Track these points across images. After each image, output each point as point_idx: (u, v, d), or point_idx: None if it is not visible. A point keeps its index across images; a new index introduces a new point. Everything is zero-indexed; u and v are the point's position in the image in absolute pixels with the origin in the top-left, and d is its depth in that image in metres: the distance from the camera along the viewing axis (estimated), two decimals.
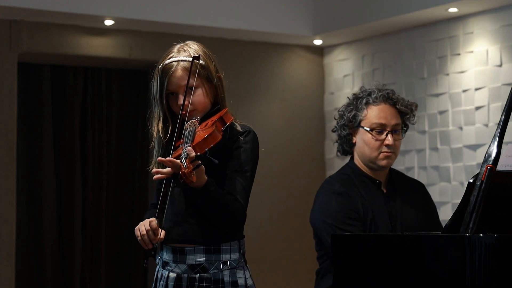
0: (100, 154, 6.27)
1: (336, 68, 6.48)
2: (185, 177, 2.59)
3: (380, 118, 3.51)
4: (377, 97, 3.52)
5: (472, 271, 2.45)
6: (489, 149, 2.60)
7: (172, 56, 2.86)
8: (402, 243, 2.70)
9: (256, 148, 2.88)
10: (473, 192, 2.56)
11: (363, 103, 3.53)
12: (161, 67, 2.86)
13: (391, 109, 3.53)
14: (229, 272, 2.85)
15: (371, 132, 3.50)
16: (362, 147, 3.53)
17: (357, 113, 3.53)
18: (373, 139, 3.50)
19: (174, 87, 2.84)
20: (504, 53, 5.26)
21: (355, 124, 3.54)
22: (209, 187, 2.72)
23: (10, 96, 5.56)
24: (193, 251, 2.82)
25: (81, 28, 5.76)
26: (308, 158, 6.50)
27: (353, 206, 3.45)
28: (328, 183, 3.58)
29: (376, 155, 3.51)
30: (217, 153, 2.72)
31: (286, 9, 6.08)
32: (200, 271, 2.82)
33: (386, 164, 3.53)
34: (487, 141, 5.27)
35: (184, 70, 2.83)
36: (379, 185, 3.56)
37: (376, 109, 3.52)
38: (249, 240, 6.33)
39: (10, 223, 5.51)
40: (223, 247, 2.84)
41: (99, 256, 6.21)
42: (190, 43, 2.91)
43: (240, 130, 2.87)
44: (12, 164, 5.54)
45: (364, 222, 3.44)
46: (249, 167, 2.84)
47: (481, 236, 2.45)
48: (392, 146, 3.51)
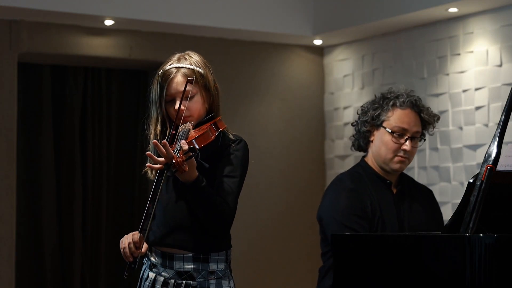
0: (100, 154, 6.27)
1: (336, 68, 6.47)
2: (178, 166, 2.69)
3: (403, 122, 3.53)
4: (404, 101, 3.55)
5: (472, 271, 2.45)
6: (489, 149, 2.60)
7: (173, 63, 2.94)
8: (402, 243, 2.70)
9: (246, 156, 2.95)
10: (473, 192, 2.56)
11: (389, 104, 3.55)
12: (161, 73, 2.94)
13: (415, 116, 3.56)
14: (215, 282, 2.91)
15: (392, 134, 3.52)
16: (379, 146, 3.55)
17: (382, 113, 3.55)
18: (392, 141, 3.52)
19: (173, 92, 2.90)
20: (504, 53, 5.26)
21: (377, 123, 3.56)
22: (200, 182, 2.79)
23: (10, 96, 5.56)
24: (182, 258, 2.89)
25: (81, 28, 5.76)
26: (308, 158, 6.50)
27: (362, 204, 3.47)
28: (339, 179, 3.61)
29: (391, 157, 3.53)
30: (208, 158, 2.82)
31: (286, 9, 6.08)
32: (187, 278, 2.89)
33: (398, 168, 3.56)
34: (487, 141, 5.27)
35: (183, 76, 2.90)
36: (389, 185, 3.58)
37: (401, 112, 3.54)
38: (249, 240, 6.36)
39: (10, 223, 5.51)
40: (211, 256, 2.90)
41: (99, 256, 6.21)
42: (191, 53, 3.00)
43: (232, 138, 2.94)
44: (12, 164, 5.54)
45: (371, 220, 3.46)
46: (238, 173, 2.90)
47: (481, 236, 2.45)
48: (408, 152, 3.54)
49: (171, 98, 2.91)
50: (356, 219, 3.44)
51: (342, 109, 6.39)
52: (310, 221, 6.44)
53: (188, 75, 2.90)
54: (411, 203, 3.59)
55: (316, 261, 6.43)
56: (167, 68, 2.93)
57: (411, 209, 3.58)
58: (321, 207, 3.58)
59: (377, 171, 3.58)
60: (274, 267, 6.33)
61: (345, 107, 6.36)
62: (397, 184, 3.61)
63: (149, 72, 6.31)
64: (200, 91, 2.92)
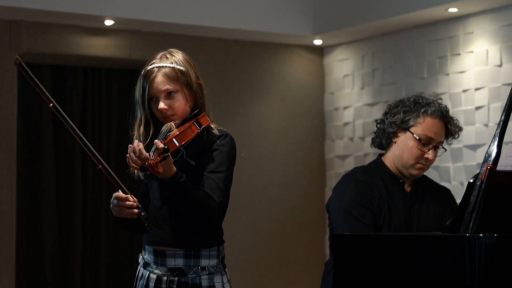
0: (100, 154, 6.26)
1: (336, 68, 6.48)
2: (151, 168, 2.72)
3: (431, 132, 3.55)
4: (435, 110, 3.56)
5: (472, 271, 2.45)
6: (489, 149, 2.60)
7: (154, 63, 2.97)
8: (402, 243, 2.70)
9: (233, 150, 2.96)
10: (473, 192, 2.56)
11: (421, 110, 3.56)
12: (143, 73, 2.98)
13: (442, 127, 3.59)
14: (207, 277, 2.92)
15: (418, 140, 3.53)
16: (402, 150, 3.56)
17: (412, 118, 3.56)
18: (417, 148, 3.54)
19: (155, 92, 2.93)
20: (504, 53, 5.26)
21: (405, 126, 3.57)
22: (178, 179, 2.81)
23: (10, 96, 5.56)
24: (173, 255, 2.91)
25: (81, 28, 5.76)
26: (308, 158, 6.50)
27: (369, 195, 3.49)
28: (352, 171, 3.66)
29: (412, 163, 3.55)
30: (194, 155, 2.85)
31: (286, 9, 6.08)
32: (179, 274, 2.91)
33: (417, 175, 3.58)
34: (487, 141, 5.27)
35: (164, 75, 2.93)
36: (403, 184, 3.59)
37: (431, 121, 3.55)
38: (249, 240, 6.36)
39: (10, 223, 5.51)
40: (203, 252, 2.92)
41: (99, 256, 6.21)
42: (173, 51, 3.01)
43: (217, 134, 2.95)
44: (12, 164, 5.54)
45: (377, 214, 3.48)
46: (224, 168, 2.91)
47: (481, 236, 2.45)
48: (429, 161, 3.56)
49: (153, 98, 2.94)
50: (361, 208, 3.46)
51: (342, 109, 6.39)
52: (310, 221, 6.44)
53: (169, 74, 2.92)
54: (424, 204, 3.59)
55: (316, 261, 6.45)
56: (148, 68, 2.96)
57: (423, 211, 3.58)
58: (330, 198, 3.62)
59: (393, 171, 3.60)
60: (274, 267, 6.33)
61: (345, 107, 6.37)
62: (412, 184, 3.62)
63: None
64: (181, 89, 2.93)
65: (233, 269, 3.04)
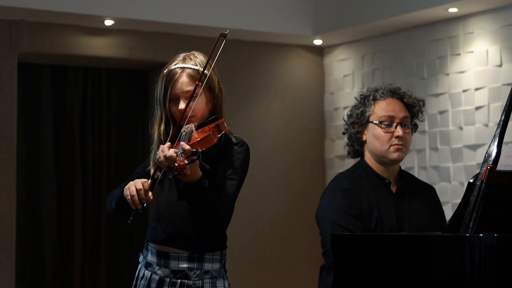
0: (100, 154, 6.27)
1: (336, 68, 6.48)
2: (180, 170, 2.67)
3: (388, 110, 3.55)
4: (384, 92, 3.58)
5: (472, 271, 2.45)
6: (489, 149, 2.60)
7: (178, 63, 2.96)
8: (402, 243, 2.70)
9: (247, 160, 2.97)
10: (473, 192, 2.56)
11: (370, 99, 3.59)
12: (166, 72, 2.95)
13: (398, 103, 3.58)
14: (210, 281, 2.92)
15: (380, 125, 3.54)
16: (373, 142, 3.56)
17: (365, 109, 3.57)
18: (382, 132, 3.53)
19: (177, 92, 2.92)
20: (504, 53, 5.27)
21: (364, 121, 3.57)
22: (203, 183, 2.79)
23: (10, 96, 5.56)
24: (177, 257, 2.91)
25: (81, 28, 5.76)
26: (308, 158, 6.50)
27: (358, 203, 3.47)
28: (337, 179, 3.63)
29: (387, 148, 3.53)
30: (209, 159, 2.81)
31: (286, 9, 6.08)
32: (182, 277, 2.91)
33: (397, 157, 3.55)
34: (487, 141, 5.27)
35: (188, 77, 2.92)
36: (389, 185, 3.58)
37: (383, 103, 3.57)
38: (249, 240, 6.35)
39: (10, 223, 5.51)
40: (206, 256, 2.92)
41: (99, 256, 6.21)
42: (196, 53, 3.02)
43: (235, 141, 2.96)
44: (12, 164, 5.54)
45: (368, 221, 3.46)
46: (237, 176, 2.92)
47: (481, 236, 2.45)
48: (402, 138, 3.54)
49: (175, 98, 2.93)
50: (350, 218, 3.44)
51: (342, 109, 6.39)
52: (310, 221, 6.43)
53: (193, 75, 2.92)
54: (411, 202, 3.58)
55: (316, 261, 6.43)
56: (172, 68, 2.94)
57: (412, 208, 3.56)
58: (318, 208, 3.60)
59: (376, 170, 3.58)
60: (274, 267, 6.33)
61: (345, 107, 6.36)
62: (396, 183, 3.60)
63: (149, 72, 6.32)
64: (204, 92, 2.93)
65: (233, 269, 3.05)
